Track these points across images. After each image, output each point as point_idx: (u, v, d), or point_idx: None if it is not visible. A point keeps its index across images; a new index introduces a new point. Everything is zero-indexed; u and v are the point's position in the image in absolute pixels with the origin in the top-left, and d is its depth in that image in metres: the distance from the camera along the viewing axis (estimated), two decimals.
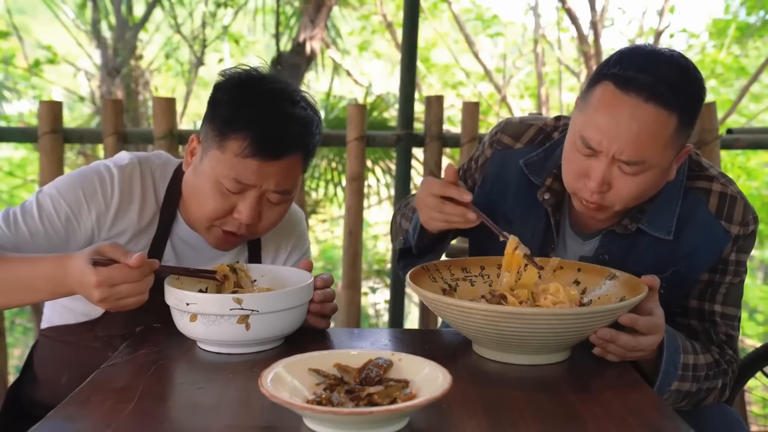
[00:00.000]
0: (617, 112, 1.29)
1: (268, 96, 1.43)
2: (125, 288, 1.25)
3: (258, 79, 1.46)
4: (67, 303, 1.52)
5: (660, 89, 1.27)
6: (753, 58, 8.55)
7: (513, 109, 7.86)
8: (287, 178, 1.45)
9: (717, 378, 1.40)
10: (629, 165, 1.31)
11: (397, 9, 8.00)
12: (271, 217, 1.49)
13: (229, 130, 1.40)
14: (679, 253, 1.44)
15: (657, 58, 1.31)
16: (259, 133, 1.39)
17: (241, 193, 1.43)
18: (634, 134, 1.28)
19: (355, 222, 3.01)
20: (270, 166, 1.41)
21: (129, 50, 6.46)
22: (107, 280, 1.23)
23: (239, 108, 1.41)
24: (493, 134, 1.64)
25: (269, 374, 1.01)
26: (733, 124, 7.55)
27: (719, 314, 1.46)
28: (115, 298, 1.25)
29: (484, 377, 1.22)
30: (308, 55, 5.24)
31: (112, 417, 1.02)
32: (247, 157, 1.39)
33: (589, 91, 1.36)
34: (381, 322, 6.49)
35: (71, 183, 1.47)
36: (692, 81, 1.32)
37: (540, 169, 1.54)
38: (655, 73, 1.28)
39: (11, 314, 5.49)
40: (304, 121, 1.45)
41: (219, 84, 1.47)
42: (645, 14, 10.06)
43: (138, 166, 1.52)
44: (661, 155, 1.32)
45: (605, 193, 1.36)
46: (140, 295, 1.27)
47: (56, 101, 2.82)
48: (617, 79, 1.30)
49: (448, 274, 1.46)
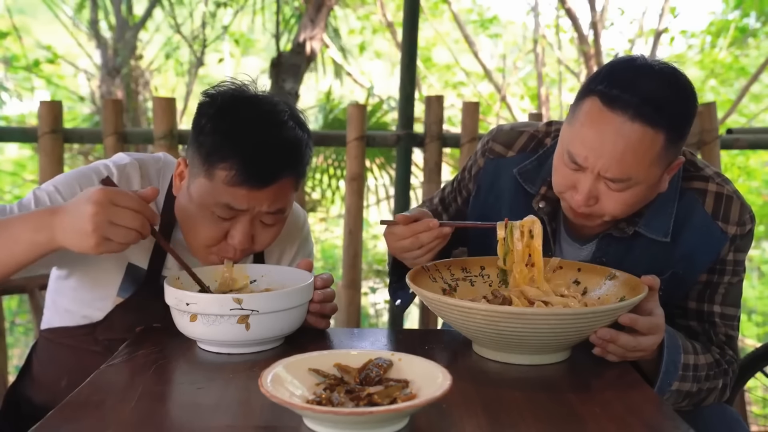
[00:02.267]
0: (603, 129, 1.28)
1: (253, 122, 1.37)
2: (124, 213, 1.17)
3: (242, 101, 1.40)
4: (67, 305, 1.51)
5: (645, 109, 1.25)
6: (753, 58, 8.54)
7: (513, 109, 7.86)
8: (279, 200, 1.41)
9: (717, 378, 1.40)
10: (614, 182, 1.31)
11: (397, 9, 8.00)
12: (265, 239, 1.45)
13: (215, 159, 1.35)
14: (677, 255, 1.44)
15: (645, 75, 1.28)
16: (245, 162, 1.34)
17: (233, 219, 1.40)
18: (620, 152, 1.27)
19: (355, 222, 3.02)
20: (260, 192, 1.37)
21: (129, 50, 6.45)
22: (111, 195, 1.16)
23: (223, 137, 1.36)
24: (485, 143, 1.64)
25: (269, 374, 1.01)
26: (733, 124, 7.54)
27: (718, 315, 1.46)
28: (108, 220, 1.16)
29: (484, 377, 1.22)
30: (308, 55, 5.23)
31: (112, 417, 1.02)
32: (235, 186, 1.35)
33: (577, 104, 1.35)
34: (381, 322, 6.49)
35: (69, 180, 1.45)
36: (681, 98, 1.30)
37: (534, 177, 1.53)
38: (642, 92, 1.26)
39: (11, 314, 5.49)
40: (293, 144, 1.40)
41: (202, 107, 1.41)
42: (645, 14, 10.05)
43: (137, 168, 1.49)
44: (647, 172, 1.31)
45: (593, 206, 1.36)
46: (135, 224, 1.18)
47: (56, 101, 2.82)
48: (604, 96, 1.29)
49: (448, 274, 1.46)
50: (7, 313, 5.13)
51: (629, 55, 1.35)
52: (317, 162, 5.28)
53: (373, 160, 5.06)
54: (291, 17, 5.93)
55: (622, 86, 1.28)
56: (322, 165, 5.28)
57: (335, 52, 6.82)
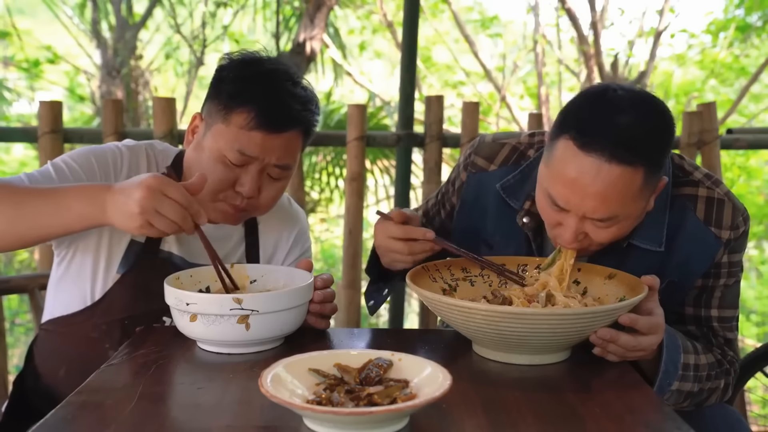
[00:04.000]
0: (580, 174, 1.25)
1: (272, 74, 1.50)
2: (170, 204, 1.23)
3: (261, 59, 1.54)
4: (68, 287, 1.53)
5: (620, 150, 1.22)
6: (753, 58, 8.55)
7: (513, 108, 7.86)
8: (288, 153, 1.50)
9: (719, 378, 1.40)
10: (601, 221, 1.30)
11: (397, 9, 8.00)
12: (270, 193, 1.53)
13: (235, 104, 1.46)
14: (672, 263, 1.43)
15: (618, 113, 1.24)
16: (264, 107, 1.45)
17: (244, 167, 1.47)
18: (601, 194, 1.25)
19: (355, 222, 3.02)
20: (273, 139, 1.46)
21: (129, 50, 6.46)
22: (163, 185, 1.22)
23: (244, 83, 1.47)
24: (467, 156, 1.62)
25: (269, 374, 1.01)
26: (733, 124, 7.54)
27: (716, 318, 1.45)
28: (154, 207, 1.21)
29: (484, 377, 1.22)
30: (308, 55, 5.24)
31: (112, 417, 1.02)
32: (252, 129, 1.44)
33: (552, 143, 1.31)
34: (381, 322, 6.49)
35: (84, 152, 1.51)
36: (656, 132, 1.27)
37: (517, 192, 1.51)
38: (616, 132, 1.23)
39: (11, 315, 5.49)
40: (307, 99, 1.52)
41: (223, 64, 1.54)
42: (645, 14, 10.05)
43: (144, 149, 1.58)
44: (632, 207, 1.29)
45: (582, 240, 1.35)
46: (177, 218, 1.23)
47: (56, 101, 2.82)
48: (577, 138, 1.25)
49: (448, 274, 1.46)
50: (7, 313, 5.12)
51: (602, 86, 1.31)
52: (317, 161, 5.28)
53: (374, 162, 5.07)
54: (291, 17, 5.93)
55: (596, 128, 1.24)
56: (321, 163, 5.28)
57: (335, 51, 6.82)
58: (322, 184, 5.36)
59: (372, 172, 5.15)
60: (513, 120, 7.78)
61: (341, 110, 5.41)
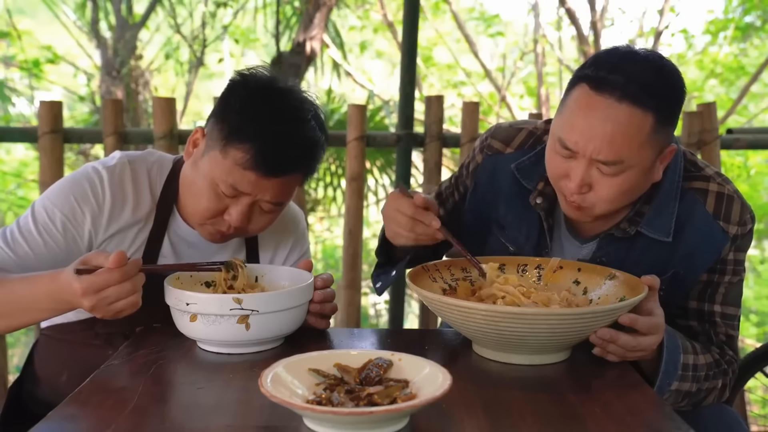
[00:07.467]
0: (592, 113, 1.30)
1: (279, 113, 1.42)
2: (112, 291, 1.21)
3: (274, 90, 1.45)
4: None
5: (632, 89, 1.28)
6: (753, 58, 8.54)
7: (513, 108, 7.86)
8: (283, 193, 1.46)
9: (717, 378, 1.40)
10: (607, 165, 1.32)
11: (397, 9, 7.99)
12: (260, 223, 1.50)
13: (234, 139, 1.40)
14: (678, 255, 1.44)
15: (631, 59, 1.31)
16: (261, 150, 1.39)
17: (235, 198, 1.44)
18: (609, 134, 1.29)
19: (355, 222, 3.02)
20: (268, 180, 1.42)
21: (129, 50, 6.45)
22: (91, 286, 1.21)
23: (248, 119, 1.41)
24: (483, 140, 1.64)
25: (269, 374, 1.01)
26: (733, 124, 7.54)
27: (719, 314, 1.46)
28: (105, 304, 1.22)
29: (484, 377, 1.23)
30: (308, 55, 5.23)
31: (112, 417, 1.02)
32: (247, 169, 1.40)
33: (566, 94, 1.37)
34: (381, 322, 6.49)
35: (62, 191, 1.47)
36: (667, 80, 1.32)
37: (531, 173, 1.54)
38: (628, 73, 1.29)
39: None
40: (310, 144, 1.45)
41: (234, 85, 1.46)
42: (645, 14, 10.05)
43: (128, 165, 1.52)
44: (639, 155, 1.32)
45: (585, 194, 1.36)
46: (130, 296, 1.23)
47: (56, 101, 2.82)
48: (591, 80, 1.31)
49: (448, 274, 1.46)
50: None
51: (615, 46, 1.38)
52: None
53: (374, 162, 5.06)
54: (291, 16, 5.93)
55: (610, 68, 1.30)
56: (322, 165, 5.27)
57: (335, 51, 6.82)
58: (324, 181, 5.33)
59: (372, 172, 5.14)
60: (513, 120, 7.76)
61: (341, 110, 5.41)
